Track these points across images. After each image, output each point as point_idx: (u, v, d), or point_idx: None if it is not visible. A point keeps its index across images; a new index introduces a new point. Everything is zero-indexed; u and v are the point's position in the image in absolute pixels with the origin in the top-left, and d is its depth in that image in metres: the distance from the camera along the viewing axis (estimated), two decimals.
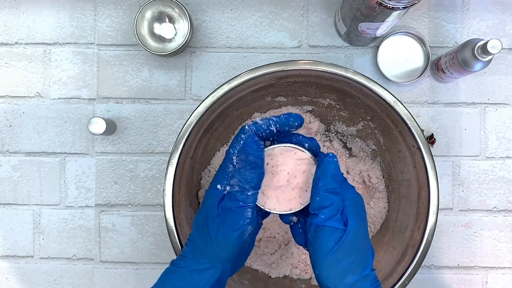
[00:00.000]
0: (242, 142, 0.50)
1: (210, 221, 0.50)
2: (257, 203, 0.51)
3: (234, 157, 0.50)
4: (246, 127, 0.50)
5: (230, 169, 0.50)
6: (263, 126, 0.51)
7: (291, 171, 0.51)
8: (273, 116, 0.52)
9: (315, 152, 0.53)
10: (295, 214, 0.53)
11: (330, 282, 0.47)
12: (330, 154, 0.50)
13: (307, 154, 0.52)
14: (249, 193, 0.49)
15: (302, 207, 0.52)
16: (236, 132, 0.75)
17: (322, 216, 0.48)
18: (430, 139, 0.76)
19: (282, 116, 0.51)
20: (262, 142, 0.51)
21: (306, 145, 0.52)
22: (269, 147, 0.52)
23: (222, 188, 0.50)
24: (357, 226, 0.48)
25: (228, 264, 0.51)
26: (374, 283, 0.49)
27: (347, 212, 0.48)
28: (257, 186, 0.50)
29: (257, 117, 0.52)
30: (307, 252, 0.72)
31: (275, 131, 0.51)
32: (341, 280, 0.47)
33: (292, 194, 0.52)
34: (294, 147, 0.52)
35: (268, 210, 0.51)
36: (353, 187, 0.51)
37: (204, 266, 0.50)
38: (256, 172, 0.49)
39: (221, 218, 0.49)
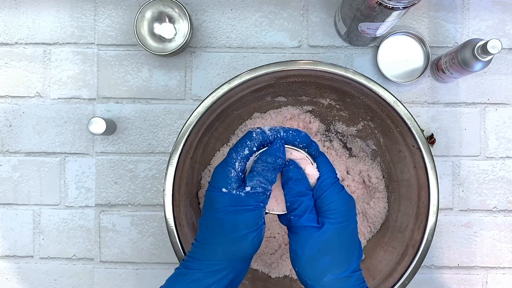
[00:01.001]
0: (252, 151, 0.51)
1: (225, 222, 0.49)
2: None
3: (236, 163, 0.50)
4: (254, 135, 0.51)
5: (232, 174, 0.50)
6: (270, 137, 0.52)
7: None
8: (281, 128, 0.52)
9: (309, 150, 0.53)
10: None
11: (310, 279, 0.49)
12: (289, 161, 0.51)
13: (303, 154, 0.52)
14: (268, 193, 0.50)
15: None
16: (235, 131, 0.75)
17: (292, 218, 0.50)
18: (430, 139, 0.76)
19: (290, 132, 0.52)
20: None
21: (301, 145, 0.53)
22: (266, 148, 0.52)
23: (228, 191, 0.50)
24: (337, 225, 0.49)
25: (242, 264, 0.50)
26: (358, 284, 0.49)
27: (325, 211, 0.49)
28: (270, 186, 0.50)
29: (266, 126, 0.53)
30: None
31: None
32: (320, 278, 0.48)
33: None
34: (290, 147, 0.52)
35: (267, 211, 0.52)
36: (342, 187, 0.51)
37: (219, 267, 0.49)
38: (276, 173, 0.50)
39: (238, 218, 0.49)
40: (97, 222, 0.78)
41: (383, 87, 0.62)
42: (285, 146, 0.52)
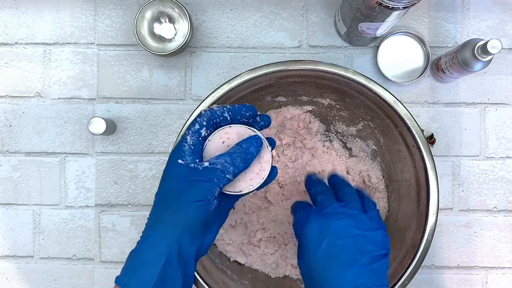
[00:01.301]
0: (202, 125, 0.54)
1: (174, 189, 0.50)
2: None
3: (188, 137, 0.53)
4: (202, 112, 0.54)
5: (185, 148, 0.52)
6: (217, 112, 0.54)
7: None
8: (228, 104, 0.55)
9: (261, 123, 0.56)
10: (243, 194, 0.54)
11: None
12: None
13: (261, 136, 0.53)
14: (227, 176, 0.50)
15: (252, 189, 0.53)
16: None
17: None
18: (430, 139, 0.76)
19: (236, 106, 0.55)
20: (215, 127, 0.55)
21: (251, 119, 0.55)
22: (226, 126, 0.54)
23: (184, 162, 0.51)
24: None
25: (187, 235, 0.50)
26: None
27: None
28: (235, 176, 0.51)
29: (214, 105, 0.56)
30: None
31: (228, 118, 0.54)
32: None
33: (244, 176, 0.53)
34: (249, 128, 0.54)
35: (225, 191, 0.53)
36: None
37: (161, 233, 0.49)
38: (245, 165, 0.52)
39: (188, 187, 0.50)
40: (97, 222, 0.78)
41: (383, 87, 0.62)
42: (246, 127, 0.54)
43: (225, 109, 0.54)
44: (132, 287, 0.48)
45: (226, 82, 0.62)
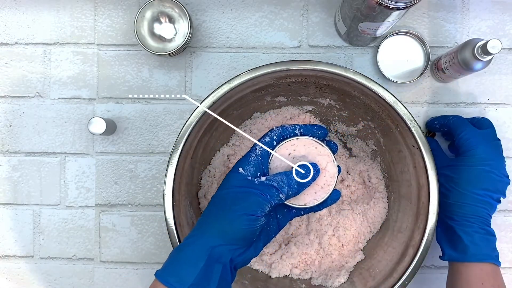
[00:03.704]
0: (273, 139, 0.55)
1: (228, 197, 0.51)
2: None
3: (257, 147, 0.54)
4: (274, 128, 0.56)
5: (252, 158, 0.53)
6: (289, 129, 0.56)
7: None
8: (300, 123, 0.58)
9: (329, 145, 0.57)
10: (308, 210, 0.53)
11: None
12: None
13: (327, 150, 0.53)
14: (280, 196, 0.51)
15: (317, 203, 0.52)
16: (235, 131, 0.75)
17: None
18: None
19: (307, 124, 0.57)
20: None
21: (321, 138, 0.57)
22: (293, 138, 0.54)
23: (245, 172, 0.52)
24: None
25: (230, 244, 0.51)
26: None
27: None
28: (288, 197, 0.52)
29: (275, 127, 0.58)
30: (307, 252, 0.73)
31: (298, 135, 0.56)
32: None
33: (308, 190, 0.52)
34: (316, 141, 0.53)
35: (284, 202, 0.53)
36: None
37: (205, 238, 0.50)
38: (299, 190, 0.53)
39: (241, 197, 0.51)
40: (97, 222, 0.78)
41: (383, 87, 0.62)
42: (313, 139, 0.53)
43: (296, 126, 0.56)
44: (171, 283, 0.49)
45: (226, 82, 0.62)
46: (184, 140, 0.62)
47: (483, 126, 0.69)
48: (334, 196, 0.57)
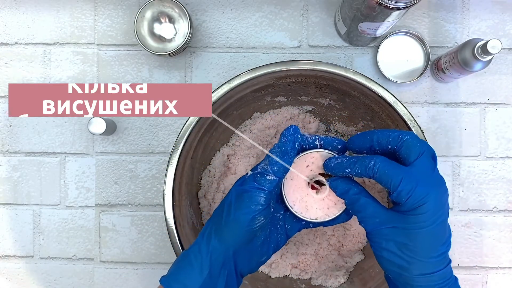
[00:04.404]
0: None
1: (226, 203, 0.50)
2: (286, 203, 0.51)
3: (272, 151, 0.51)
4: (292, 131, 0.51)
5: (265, 162, 0.50)
6: (309, 139, 0.52)
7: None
8: (321, 135, 0.54)
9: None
10: (317, 224, 0.53)
11: None
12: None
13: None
14: (267, 177, 0.49)
15: (328, 219, 0.51)
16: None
17: None
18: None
19: (328, 136, 0.53)
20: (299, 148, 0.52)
21: (339, 147, 0.52)
22: (313, 150, 0.51)
23: (250, 173, 0.51)
24: None
25: (233, 250, 0.50)
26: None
27: None
28: (278, 173, 0.49)
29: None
30: (307, 252, 0.73)
31: (318, 147, 0.52)
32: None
33: (321, 204, 0.51)
34: (334, 155, 0.51)
35: (295, 213, 0.51)
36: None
37: (212, 247, 0.50)
38: (284, 158, 0.49)
39: (236, 201, 0.50)
40: (97, 222, 0.78)
41: (383, 87, 0.62)
42: (332, 153, 0.51)
43: (317, 137, 0.52)
44: None
45: (226, 82, 0.62)
46: (184, 140, 0.62)
47: (411, 155, 0.47)
48: (345, 215, 0.53)
